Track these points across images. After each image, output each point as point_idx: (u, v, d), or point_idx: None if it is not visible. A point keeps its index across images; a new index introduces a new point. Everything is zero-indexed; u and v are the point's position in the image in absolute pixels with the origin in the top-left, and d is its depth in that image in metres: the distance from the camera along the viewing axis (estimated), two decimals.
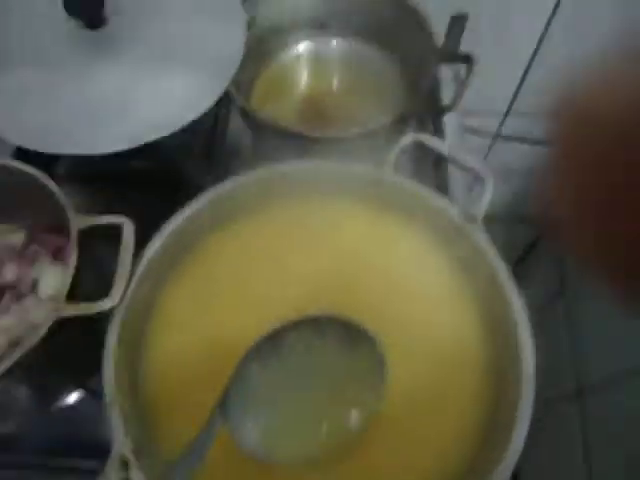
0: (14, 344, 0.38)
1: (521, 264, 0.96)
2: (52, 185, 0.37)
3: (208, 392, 0.31)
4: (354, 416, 0.31)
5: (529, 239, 0.96)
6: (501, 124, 0.80)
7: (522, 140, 0.77)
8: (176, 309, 0.37)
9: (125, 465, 0.29)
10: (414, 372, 0.35)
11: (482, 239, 0.38)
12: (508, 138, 0.81)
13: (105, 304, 0.32)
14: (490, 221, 0.39)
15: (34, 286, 0.41)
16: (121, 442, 0.30)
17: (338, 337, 0.32)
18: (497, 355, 0.35)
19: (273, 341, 0.31)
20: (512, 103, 0.77)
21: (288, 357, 0.31)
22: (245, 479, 0.32)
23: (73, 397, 0.42)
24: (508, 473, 0.29)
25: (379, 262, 0.39)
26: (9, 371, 0.31)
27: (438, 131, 0.55)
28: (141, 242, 0.36)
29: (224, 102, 0.53)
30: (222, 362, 0.31)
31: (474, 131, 0.80)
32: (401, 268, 0.39)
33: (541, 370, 0.32)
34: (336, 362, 0.32)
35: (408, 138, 0.41)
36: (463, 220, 0.38)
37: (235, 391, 0.30)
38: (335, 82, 0.58)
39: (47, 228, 0.44)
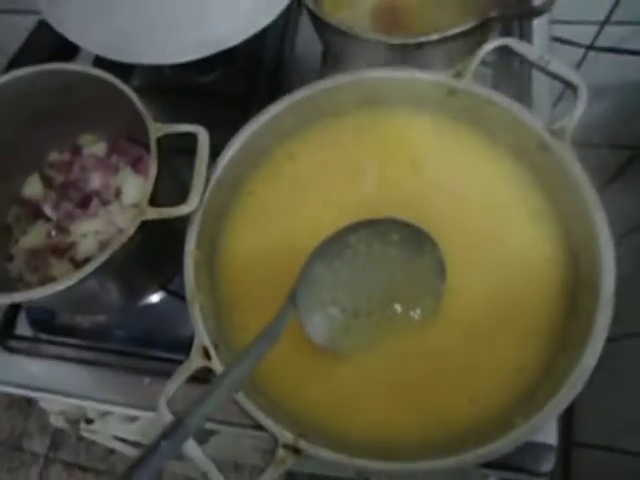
0: (104, 247, 0.41)
1: (603, 192, 0.90)
2: (131, 93, 0.38)
3: (278, 291, 0.33)
4: (413, 313, 0.33)
5: (615, 166, 0.88)
6: (597, 34, 0.71)
7: (621, 52, 0.69)
8: (249, 215, 0.39)
9: (206, 355, 0.32)
10: (486, 282, 0.35)
11: (568, 157, 0.35)
12: (603, 50, 0.72)
13: (183, 209, 0.34)
14: (573, 144, 0.36)
15: (117, 194, 0.44)
16: (202, 335, 0.32)
17: (399, 239, 0.33)
18: (574, 271, 0.34)
19: (336, 242, 0.33)
20: (612, 10, 0.68)
21: (350, 258, 0.33)
22: (311, 368, 0.34)
23: (156, 296, 0.47)
24: (579, 387, 0.29)
25: (451, 176, 0.38)
26: (101, 268, 0.34)
27: (524, 38, 0.50)
28: (214, 153, 0.37)
29: (293, 9, 0.51)
30: (290, 264, 0.33)
31: (563, 42, 0.72)
32: (475, 184, 0.38)
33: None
34: (397, 263, 0.33)
35: (493, 43, 0.38)
36: (549, 135, 0.36)
37: (303, 287, 0.32)
38: None
39: (127, 138, 0.45)
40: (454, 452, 0.28)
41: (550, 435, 0.39)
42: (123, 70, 0.51)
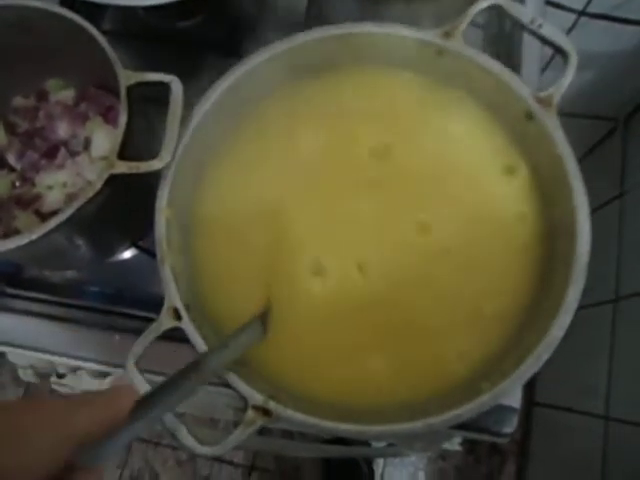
0: (72, 200, 0.39)
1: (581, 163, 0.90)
2: (99, 36, 0.35)
3: (250, 256, 0.32)
4: None
5: (593, 139, 0.88)
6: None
7: (612, 19, 0.67)
8: (224, 172, 0.37)
9: (177, 315, 0.31)
10: (463, 242, 0.35)
11: (553, 126, 0.34)
12: (595, 16, 0.70)
13: (154, 164, 0.32)
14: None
15: (86, 145, 0.42)
16: (172, 295, 0.32)
17: None
18: (551, 242, 0.35)
19: None
20: None
21: None
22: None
23: (128, 253, 0.45)
24: (545, 357, 0.29)
25: (431, 138, 0.37)
26: (68, 222, 0.33)
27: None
28: (191, 104, 0.35)
29: None
30: (268, 225, 0.33)
31: (555, 5, 0.70)
32: (457, 149, 0.37)
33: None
34: None
35: (484, 2, 0.36)
36: (536, 103, 0.35)
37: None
38: None
39: (97, 86, 0.43)
40: (421, 415, 0.29)
41: (514, 399, 0.40)
42: (94, 11, 0.48)
